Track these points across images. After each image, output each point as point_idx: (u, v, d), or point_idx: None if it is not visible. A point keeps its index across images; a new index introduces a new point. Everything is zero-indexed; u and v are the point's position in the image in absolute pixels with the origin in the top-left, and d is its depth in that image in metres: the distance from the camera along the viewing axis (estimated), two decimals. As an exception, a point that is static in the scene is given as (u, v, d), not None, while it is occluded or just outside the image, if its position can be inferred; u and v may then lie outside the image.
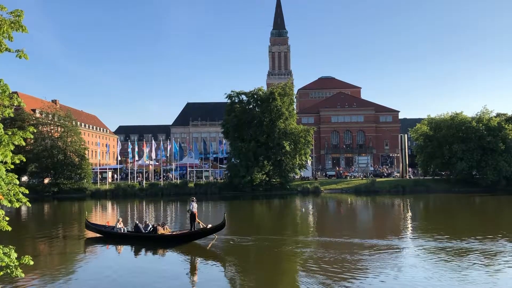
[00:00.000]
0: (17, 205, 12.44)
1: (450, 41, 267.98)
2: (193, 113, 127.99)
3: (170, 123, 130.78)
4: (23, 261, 11.82)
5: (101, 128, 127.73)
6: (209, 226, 22.26)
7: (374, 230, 26.53)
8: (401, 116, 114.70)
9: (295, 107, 74.92)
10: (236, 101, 65.82)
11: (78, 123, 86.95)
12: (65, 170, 63.11)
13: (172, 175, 70.24)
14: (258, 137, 62.66)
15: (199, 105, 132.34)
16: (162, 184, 63.77)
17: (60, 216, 32.35)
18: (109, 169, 72.90)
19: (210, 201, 51.08)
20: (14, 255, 11.48)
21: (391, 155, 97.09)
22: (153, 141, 70.09)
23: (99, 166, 75.94)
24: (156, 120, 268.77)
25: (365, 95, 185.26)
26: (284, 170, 62.92)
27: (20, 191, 11.80)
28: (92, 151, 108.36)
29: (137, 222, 23.05)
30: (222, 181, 66.56)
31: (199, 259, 18.69)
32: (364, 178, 68.82)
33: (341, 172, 76.91)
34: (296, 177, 68.88)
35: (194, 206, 22.74)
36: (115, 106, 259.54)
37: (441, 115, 69.70)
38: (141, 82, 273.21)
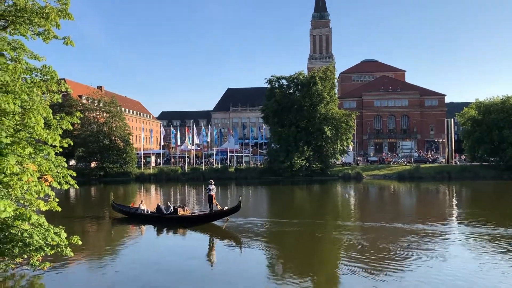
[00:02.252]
0: (65, 187, 12.95)
1: (499, 21, 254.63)
2: (233, 99, 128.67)
3: (211, 108, 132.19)
4: (72, 240, 12.38)
5: (145, 114, 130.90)
6: (226, 208, 23.26)
7: (417, 216, 25.93)
8: (447, 100, 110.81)
9: (336, 91, 73.78)
10: (276, 86, 65.58)
11: (123, 108, 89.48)
12: (111, 155, 65.23)
13: (213, 159, 71.22)
14: (298, 122, 62.35)
15: (239, 91, 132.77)
16: (203, 168, 64.83)
17: (106, 198, 33.61)
18: (152, 153, 74.73)
19: (250, 185, 51.55)
20: (64, 235, 12.06)
21: (436, 140, 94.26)
22: (194, 127, 71.27)
23: (143, 150, 78.04)
24: (197, 106, 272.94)
25: (409, 79, 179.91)
26: (325, 156, 62.53)
27: (68, 174, 12.30)
28: (136, 136, 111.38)
29: (159, 204, 24.20)
30: (262, 166, 66.96)
31: (219, 240, 19.36)
32: (407, 164, 67.29)
33: (383, 157, 75.49)
34: (337, 162, 68.21)
35: (211, 189, 23.91)
36: (158, 92, 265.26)
37: (491, 99, 66.84)
38: (183, 68, 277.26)
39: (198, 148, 79.10)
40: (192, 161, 72.14)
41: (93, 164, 66.52)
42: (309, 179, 58.54)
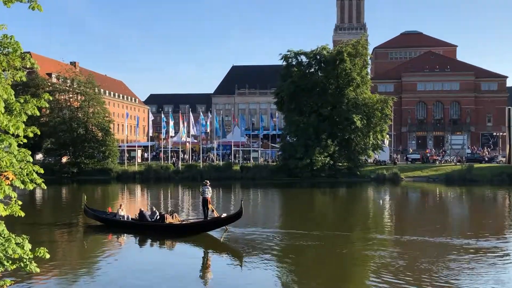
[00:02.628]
0: (30, 186, 13.04)
1: None
2: (239, 79, 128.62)
3: (212, 91, 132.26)
4: (38, 253, 12.45)
5: (129, 97, 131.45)
6: (224, 215, 23.38)
7: (469, 228, 25.84)
8: (509, 83, 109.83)
9: (369, 71, 73.46)
10: (294, 63, 65.49)
11: (102, 90, 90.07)
12: (86, 147, 65.86)
13: (213, 155, 71.42)
14: (321, 109, 62.25)
15: (247, 69, 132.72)
16: (201, 166, 65.10)
17: (80, 201, 33.91)
18: (138, 146, 75.22)
19: (259, 188, 51.70)
20: (28, 246, 12.12)
21: (494, 134, 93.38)
22: (190, 114, 71.45)
23: (127, 142, 78.42)
24: (194, 87, 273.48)
25: (462, 56, 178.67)
26: (354, 152, 62.52)
27: (34, 171, 12.36)
28: (118, 124, 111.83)
29: (142, 209, 24.46)
30: (275, 164, 66.87)
31: (216, 255, 19.52)
32: (457, 164, 66.89)
33: (428, 155, 75.04)
34: (369, 160, 68.07)
35: (206, 192, 23.92)
36: (146, 71, 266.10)
37: None
38: (177, 41, 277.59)
39: (195, 141, 79.20)
40: (187, 156, 72.32)
41: (64, 159, 67.13)
42: (334, 181, 58.51)
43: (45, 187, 9.88)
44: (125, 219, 24.29)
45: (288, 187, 53.41)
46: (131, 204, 36.58)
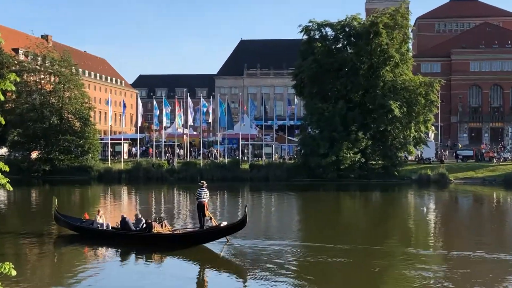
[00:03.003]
0: (-9, 187, 13.09)
1: None
2: (249, 56, 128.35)
3: (215, 71, 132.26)
4: (3, 269, 12.50)
5: (114, 79, 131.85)
6: (224, 224, 23.44)
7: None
8: None
9: (410, 46, 72.93)
10: (317, 37, 65.32)
11: (80, 70, 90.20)
12: (61, 140, 65.96)
13: (217, 150, 71.38)
14: (350, 94, 62.13)
15: (259, 44, 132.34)
16: (201, 163, 65.25)
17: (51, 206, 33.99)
18: (124, 139, 75.34)
19: (273, 192, 51.70)
20: (-13, 260, 12.18)
21: None
22: (189, 99, 71.20)
23: (110, 134, 78.59)
24: (193, 67, 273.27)
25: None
26: (391, 147, 62.45)
27: (-5, 168, 12.43)
28: (100, 112, 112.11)
29: (125, 216, 24.34)
30: (292, 162, 66.82)
31: (214, 273, 19.54)
32: (520, 162, 66.46)
33: (483, 151, 74.53)
34: (410, 158, 67.75)
35: (203, 195, 23.86)
36: (134, 47, 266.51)
37: None
38: (171, 8, 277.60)
39: (195, 133, 79.29)
40: (185, 151, 72.36)
41: (34, 155, 67.53)
42: (365, 183, 58.44)
43: (11, 189, 9.91)
44: (104, 227, 24.27)
45: (309, 190, 53.43)
46: (115, 210, 36.65)
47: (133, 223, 23.88)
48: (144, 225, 23.44)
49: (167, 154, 70.32)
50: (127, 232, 23.54)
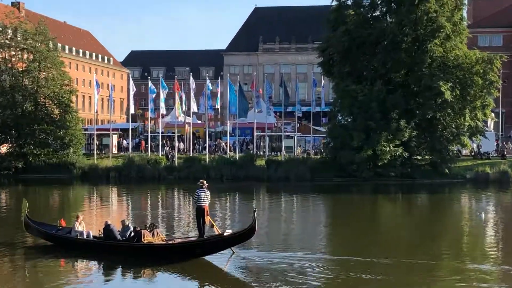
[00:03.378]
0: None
1: None
2: (265, 28, 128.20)
3: (223, 46, 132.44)
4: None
5: (100, 56, 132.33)
6: (228, 232, 23.71)
7: None
8: None
9: (465, 14, 72.47)
10: (349, 3, 65.22)
11: (59, 45, 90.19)
12: (37, 131, 66.31)
13: (226, 143, 71.36)
14: (390, 74, 62.11)
15: (277, 12, 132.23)
16: (207, 159, 65.35)
17: (30, 212, 34.14)
18: (113, 130, 75.46)
19: (294, 193, 51.82)
20: None
21: None
22: (192, 81, 71.27)
23: (96, 124, 78.80)
24: (197, 41, 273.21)
25: None
26: (440, 139, 62.24)
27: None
28: (83, 96, 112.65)
29: (109, 223, 24.24)
30: (319, 157, 66.92)
31: None
32: None
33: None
34: (464, 152, 67.43)
35: (202, 197, 23.90)
36: (124, 17, 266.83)
37: None
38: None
39: (199, 122, 79.54)
40: (187, 145, 72.42)
41: (4, 148, 67.86)
42: (409, 183, 58.48)
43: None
44: (84, 236, 24.26)
45: (339, 192, 53.61)
46: (102, 215, 36.78)
47: (119, 231, 23.87)
48: (132, 234, 23.40)
49: (166, 148, 70.46)
50: (111, 242, 23.52)
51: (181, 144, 71.75)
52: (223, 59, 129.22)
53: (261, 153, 69.24)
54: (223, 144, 71.95)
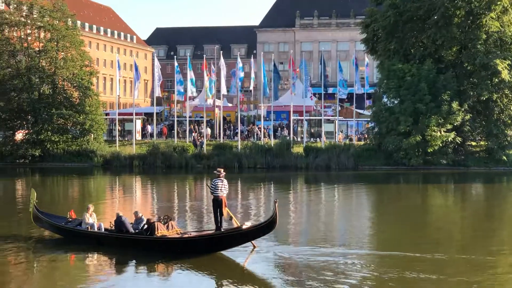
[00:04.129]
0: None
1: None
2: (302, 1, 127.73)
3: (257, 22, 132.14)
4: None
5: (123, 34, 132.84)
6: (247, 224, 23.53)
7: None
8: None
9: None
10: (396, -26, 64.51)
11: (79, 22, 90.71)
12: (55, 116, 66.58)
13: (260, 127, 71.14)
14: (441, 51, 61.79)
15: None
16: (239, 147, 65.29)
17: (45, 204, 34.18)
18: (137, 114, 75.67)
19: (336, 183, 51.86)
20: None
21: None
22: (222, 60, 71.15)
23: (119, 108, 79.00)
24: (228, 17, 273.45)
25: None
26: (497, 123, 61.75)
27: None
28: (104, 78, 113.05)
29: (120, 214, 24.32)
30: (362, 143, 66.83)
31: None
32: None
33: None
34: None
35: (220, 187, 23.90)
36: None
37: None
38: None
39: (230, 105, 79.30)
40: (216, 130, 72.27)
41: (20, 135, 68.25)
42: (462, 172, 58.26)
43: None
44: (95, 229, 24.47)
45: (385, 181, 53.69)
46: (123, 207, 36.56)
47: (131, 223, 24.05)
48: (145, 226, 23.53)
49: (194, 134, 70.30)
50: (122, 235, 23.73)
51: (208, 129, 71.18)
52: (256, 36, 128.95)
53: (299, 139, 69.04)
54: (257, 129, 71.55)
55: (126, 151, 66.37)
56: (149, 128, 75.12)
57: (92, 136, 67.18)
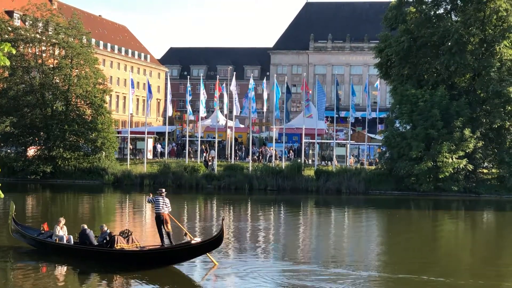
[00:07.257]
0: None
1: None
2: (317, 25, 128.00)
3: (271, 44, 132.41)
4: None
5: (137, 53, 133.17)
6: (196, 240, 24.66)
7: None
8: None
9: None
10: (410, 0, 64.89)
11: (94, 40, 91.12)
12: (67, 133, 66.73)
13: (271, 149, 71.32)
14: (454, 78, 61.69)
15: (330, 8, 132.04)
16: (250, 168, 65.45)
17: (54, 219, 34.66)
18: (149, 133, 75.85)
19: (346, 206, 51.98)
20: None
21: None
22: (235, 81, 71.34)
23: (131, 127, 79.24)
24: (241, 38, 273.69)
25: None
26: (509, 151, 61.54)
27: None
28: (117, 96, 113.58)
29: (85, 227, 25.23)
30: (373, 168, 66.77)
31: None
32: None
33: None
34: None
35: (161, 205, 25.01)
36: (163, 12, 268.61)
37: None
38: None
39: (242, 126, 79.51)
40: (227, 151, 72.53)
41: (31, 151, 68.41)
42: (474, 199, 58.04)
43: (1, 195, 10.12)
44: (64, 241, 25.32)
45: (396, 206, 53.32)
46: (133, 225, 36.95)
47: (96, 236, 24.83)
48: (108, 239, 24.23)
49: (205, 154, 70.43)
50: (83, 247, 24.59)
51: (212, 151, 70.55)
52: (270, 57, 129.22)
53: (310, 162, 69.11)
54: (268, 150, 71.67)
55: (137, 169, 66.41)
56: (159, 147, 75.43)
57: (104, 153, 67.19)
